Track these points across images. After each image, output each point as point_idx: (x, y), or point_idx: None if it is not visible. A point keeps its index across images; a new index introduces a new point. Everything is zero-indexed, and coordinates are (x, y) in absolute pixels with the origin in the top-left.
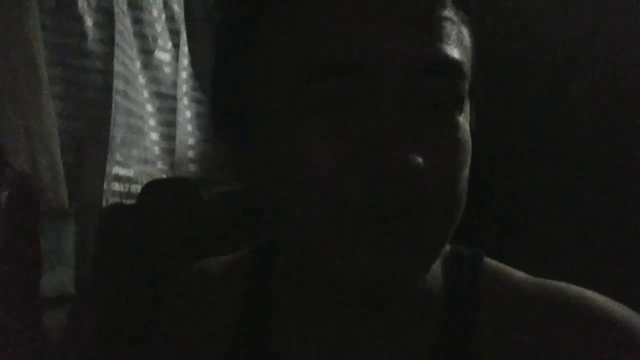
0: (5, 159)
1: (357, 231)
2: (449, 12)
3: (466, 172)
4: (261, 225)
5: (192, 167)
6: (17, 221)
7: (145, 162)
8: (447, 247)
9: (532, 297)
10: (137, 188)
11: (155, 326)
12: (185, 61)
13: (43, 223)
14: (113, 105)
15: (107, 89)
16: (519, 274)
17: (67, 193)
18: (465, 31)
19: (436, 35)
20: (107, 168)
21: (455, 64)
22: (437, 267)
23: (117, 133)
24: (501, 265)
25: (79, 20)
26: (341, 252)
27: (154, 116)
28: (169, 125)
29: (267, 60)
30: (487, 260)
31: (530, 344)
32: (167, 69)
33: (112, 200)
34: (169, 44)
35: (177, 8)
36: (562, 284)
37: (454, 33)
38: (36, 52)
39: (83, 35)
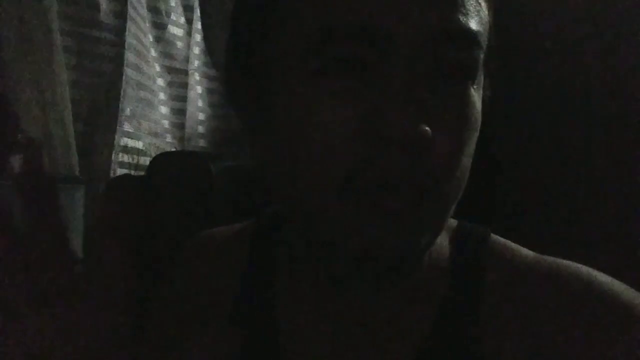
0: (19, 126)
1: (362, 200)
2: None
3: (471, 148)
4: (268, 200)
5: (201, 142)
6: (30, 187)
7: (155, 135)
8: (454, 223)
9: (536, 273)
10: (145, 160)
11: (159, 293)
12: (198, 37)
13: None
14: (124, 77)
15: (118, 61)
16: (525, 250)
17: (77, 161)
18: (483, 3)
19: (453, 4)
20: (116, 139)
21: (470, 34)
22: (443, 241)
23: (127, 105)
24: (508, 242)
25: None
26: (345, 221)
27: (165, 90)
28: (179, 99)
29: (282, 25)
30: (494, 236)
31: (532, 319)
32: (180, 44)
33: (120, 171)
34: (182, 19)
35: None
36: (568, 262)
37: (471, 2)
38: (51, 23)
39: (96, 6)
